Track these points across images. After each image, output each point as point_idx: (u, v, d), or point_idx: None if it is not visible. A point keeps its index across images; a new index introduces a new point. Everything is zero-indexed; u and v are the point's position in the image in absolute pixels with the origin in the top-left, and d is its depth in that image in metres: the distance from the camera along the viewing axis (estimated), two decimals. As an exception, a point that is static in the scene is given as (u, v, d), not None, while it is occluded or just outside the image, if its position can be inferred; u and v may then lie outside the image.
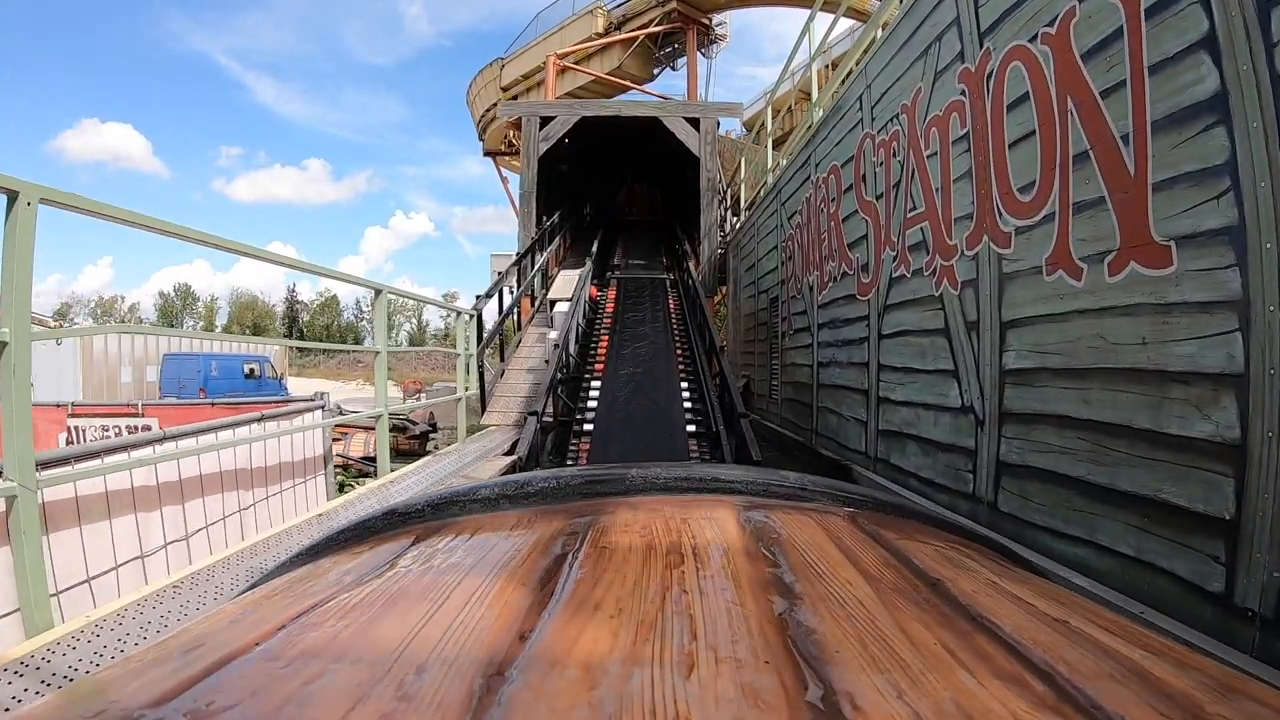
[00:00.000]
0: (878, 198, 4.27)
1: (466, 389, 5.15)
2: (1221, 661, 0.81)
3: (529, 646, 0.51)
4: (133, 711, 0.44)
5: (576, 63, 19.91)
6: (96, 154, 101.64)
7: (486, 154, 26.26)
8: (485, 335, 6.32)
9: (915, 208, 3.76)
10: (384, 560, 0.76)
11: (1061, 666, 0.52)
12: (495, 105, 22.19)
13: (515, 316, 8.57)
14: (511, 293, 8.12)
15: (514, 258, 8.28)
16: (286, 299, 78.72)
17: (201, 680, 0.48)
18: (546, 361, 5.66)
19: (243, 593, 0.86)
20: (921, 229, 3.67)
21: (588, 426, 5.23)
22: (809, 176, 5.76)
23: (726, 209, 11.85)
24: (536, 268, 9.29)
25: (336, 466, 13.84)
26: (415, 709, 0.43)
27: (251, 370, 24.39)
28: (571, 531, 0.79)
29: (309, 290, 78.31)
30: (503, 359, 7.20)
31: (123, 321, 71.30)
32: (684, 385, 5.95)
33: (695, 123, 10.91)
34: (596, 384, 5.94)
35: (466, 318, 5.35)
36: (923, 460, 3.63)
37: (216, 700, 0.45)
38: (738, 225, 10.84)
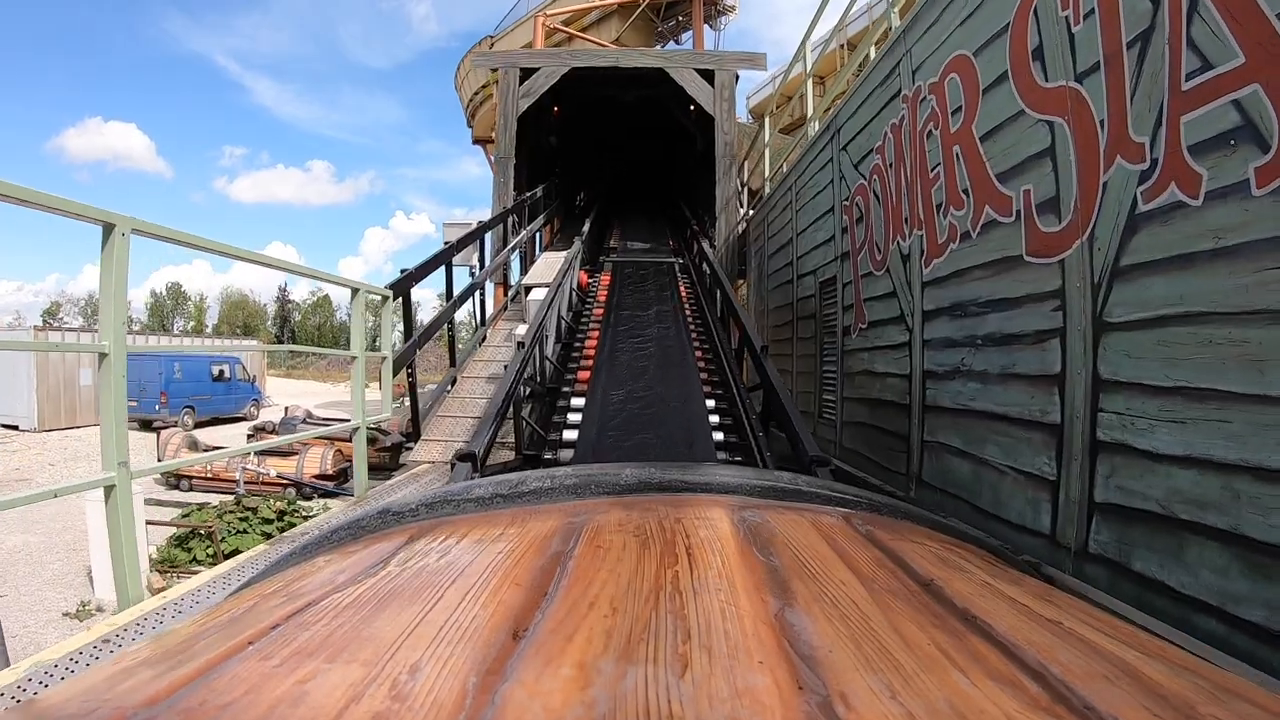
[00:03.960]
0: (1082, 77, 2.36)
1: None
2: (1215, 664, 0.69)
3: (523, 645, 0.51)
4: (127, 710, 0.43)
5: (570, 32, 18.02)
6: (98, 153, 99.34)
7: (475, 141, 24.37)
8: (418, 330, 4.39)
9: (1207, 66, 1.85)
10: (378, 559, 0.75)
11: (1055, 667, 0.51)
12: (484, 88, 20.44)
13: (479, 307, 6.57)
14: (473, 274, 6.14)
15: (476, 227, 6.28)
16: (278, 299, 76.45)
17: (196, 679, 0.47)
18: (506, 368, 3.73)
19: (236, 591, 0.84)
20: (1237, 104, 1.76)
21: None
22: (897, 93, 3.84)
23: (743, 187, 9.94)
24: (511, 246, 7.27)
25: (285, 486, 11.89)
26: (409, 708, 0.42)
27: (220, 372, 22.77)
28: (566, 531, 0.79)
29: (302, 291, 75.93)
30: (454, 363, 5.23)
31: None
32: (710, 404, 4.01)
33: (709, 77, 8.97)
34: (580, 402, 3.99)
35: (373, 300, 3.41)
36: (1246, 586, 1.71)
37: (210, 699, 0.44)
38: (751, 215, 8.95)
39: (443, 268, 5.13)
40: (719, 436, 3.59)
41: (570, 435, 3.60)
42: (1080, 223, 2.35)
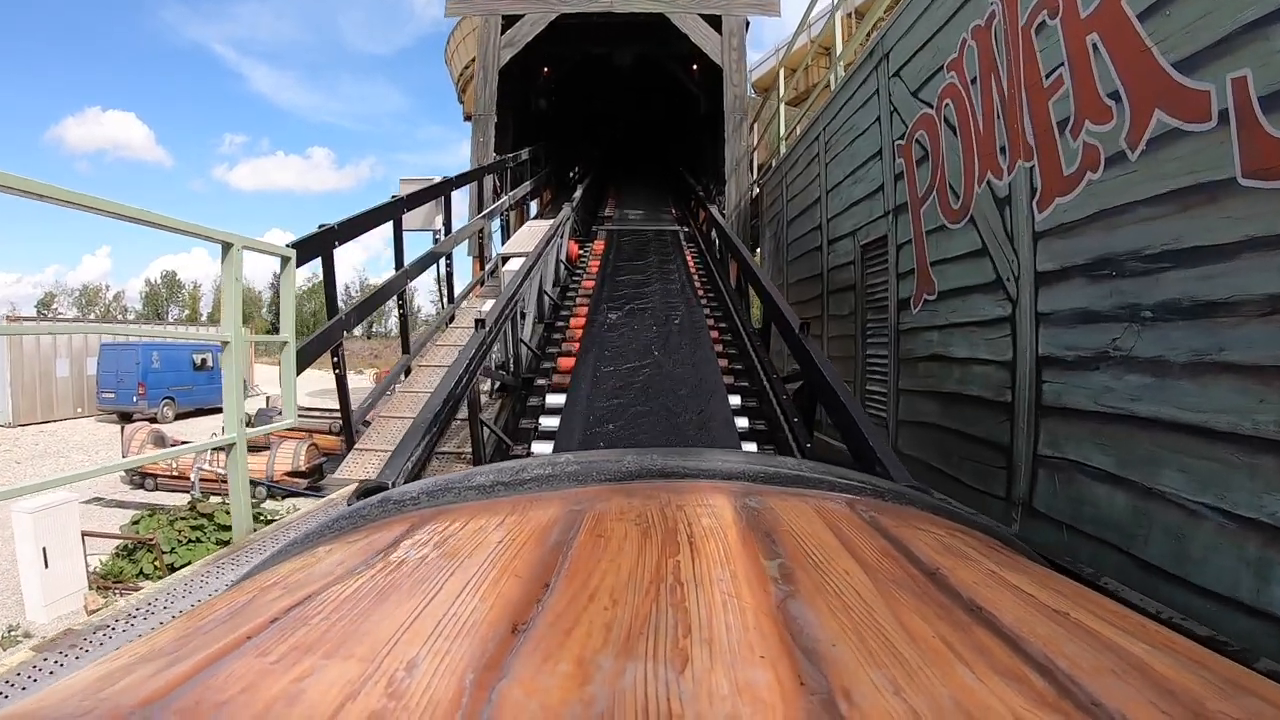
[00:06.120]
0: None
1: (248, 419, 2.26)
2: (1228, 656, 0.60)
3: (521, 640, 0.49)
4: (123, 711, 0.42)
5: None
6: (97, 142, 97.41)
7: (467, 118, 23.34)
8: (347, 305, 3.46)
9: None
10: (377, 550, 0.74)
11: (1061, 661, 0.49)
12: (474, 61, 19.40)
13: (448, 283, 5.61)
14: (436, 239, 5.18)
15: (439, 182, 5.28)
16: (273, 285, 75.50)
17: (193, 676, 0.46)
18: (461, 353, 2.79)
19: (238, 581, 0.83)
20: None
21: None
22: (982, -15, 2.86)
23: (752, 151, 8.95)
24: (486, 211, 6.28)
25: (251, 483, 11.00)
26: (405, 707, 0.41)
27: (203, 361, 21.83)
28: (567, 519, 0.77)
29: (298, 279, 74.83)
30: (407, 349, 4.30)
31: (107, 311, 67.72)
32: (735, 401, 3.07)
33: (716, 24, 7.96)
34: (559, 400, 3.06)
35: (249, 261, 2.50)
36: None
37: (206, 698, 0.43)
38: (765, 180, 7.99)
39: (399, 238, 4.18)
40: (750, 448, 2.66)
41: (544, 448, 2.67)
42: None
